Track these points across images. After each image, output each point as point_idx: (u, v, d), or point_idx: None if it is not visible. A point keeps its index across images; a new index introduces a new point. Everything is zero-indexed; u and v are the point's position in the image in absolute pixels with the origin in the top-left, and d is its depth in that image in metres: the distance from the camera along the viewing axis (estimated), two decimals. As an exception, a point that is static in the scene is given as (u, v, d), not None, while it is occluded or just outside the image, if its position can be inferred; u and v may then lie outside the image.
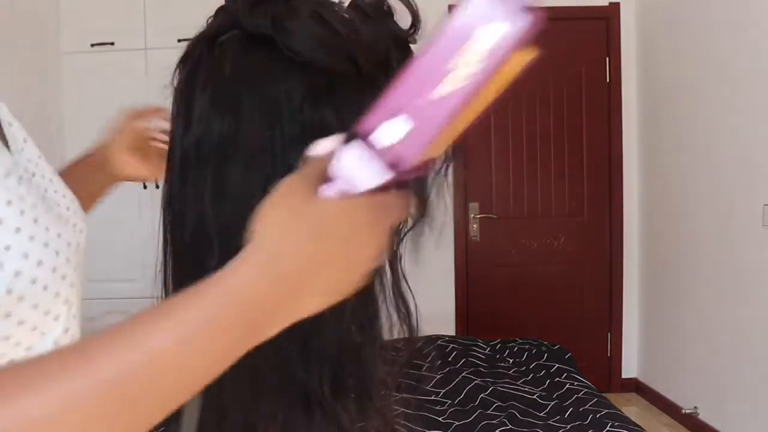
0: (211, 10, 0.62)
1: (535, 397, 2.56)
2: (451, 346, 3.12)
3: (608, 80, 4.15)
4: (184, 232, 0.58)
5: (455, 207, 3.94)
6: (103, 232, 3.73)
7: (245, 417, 0.60)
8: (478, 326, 4.04)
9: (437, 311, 3.99)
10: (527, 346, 3.15)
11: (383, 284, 0.60)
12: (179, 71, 0.60)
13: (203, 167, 0.57)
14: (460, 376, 2.74)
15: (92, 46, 3.79)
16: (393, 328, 0.61)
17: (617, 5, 4.12)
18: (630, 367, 4.23)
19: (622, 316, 4.21)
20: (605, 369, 4.22)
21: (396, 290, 0.60)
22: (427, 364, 2.72)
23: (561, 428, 2.26)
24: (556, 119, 4.16)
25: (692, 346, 3.59)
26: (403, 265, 0.61)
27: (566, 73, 4.14)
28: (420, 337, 0.62)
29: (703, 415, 3.45)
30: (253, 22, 0.56)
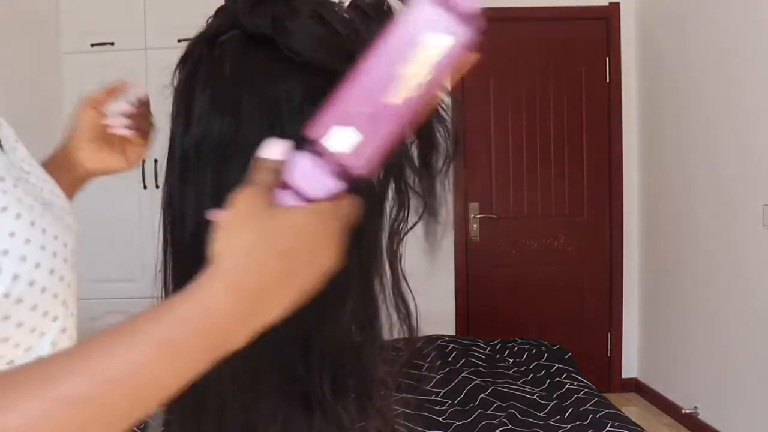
0: (211, 10, 0.62)
1: (535, 397, 2.56)
2: (451, 346, 3.12)
3: (608, 80, 4.15)
4: (184, 232, 0.58)
5: (455, 207, 3.94)
6: (103, 232, 3.73)
7: (245, 417, 0.60)
8: (478, 326, 4.04)
9: (437, 311, 3.99)
10: (527, 346, 3.15)
11: (383, 284, 0.60)
12: (179, 71, 0.60)
13: (203, 167, 0.57)
14: (460, 376, 2.74)
15: (92, 46, 3.79)
16: (393, 328, 0.61)
17: (617, 5, 4.12)
18: (630, 367, 4.23)
19: (622, 316, 4.21)
20: (605, 369, 4.22)
21: (396, 290, 0.60)
22: (427, 364, 2.71)
23: (561, 428, 2.26)
24: (556, 119, 4.16)
25: (692, 346, 3.59)
26: (403, 265, 0.61)
27: (566, 73, 4.14)
28: (420, 337, 0.62)
29: (703, 415, 3.45)
30: (253, 22, 0.56)
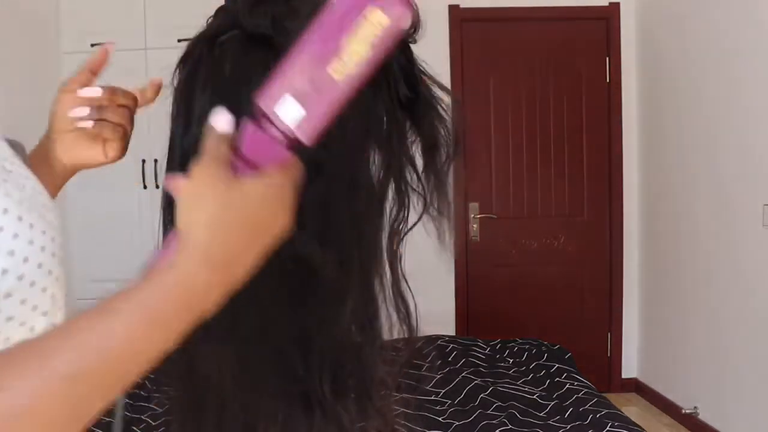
0: (211, 10, 0.62)
1: (535, 397, 2.56)
2: (451, 346, 3.12)
3: (608, 80, 4.15)
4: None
5: (455, 207, 3.93)
6: (103, 231, 3.73)
7: (245, 417, 0.60)
8: (478, 326, 4.03)
9: (437, 311, 3.99)
10: (527, 346, 3.15)
11: (383, 284, 0.60)
12: (179, 71, 0.61)
13: (203, 167, 0.57)
14: (460, 376, 2.74)
15: (92, 46, 3.79)
16: (393, 328, 0.61)
17: (617, 5, 4.12)
18: (630, 367, 4.23)
19: (622, 316, 4.21)
20: (605, 369, 4.22)
21: (396, 290, 0.60)
22: (427, 364, 2.71)
23: (561, 428, 2.26)
24: (556, 119, 4.16)
25: (692, 346, 3.59)
26: (403, 265, 0.61)
27: (566, 73, 4.14)
28: (420, 337, 0.62)
29: (703, 415, 3.45)
30: (253, 22, 0.56)
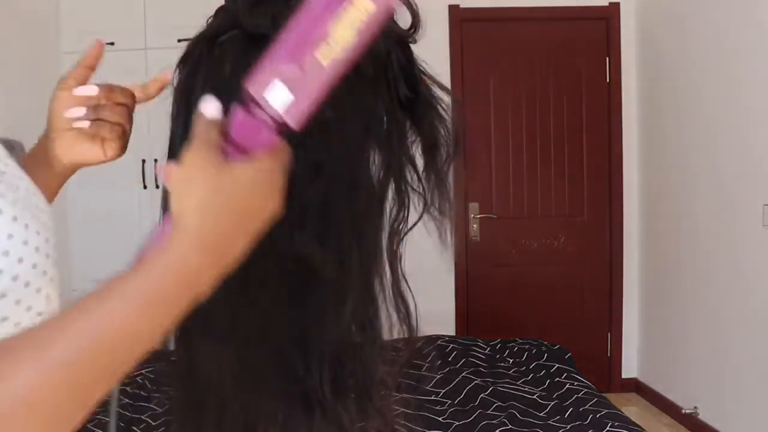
0: (211, 10, 0.62)
1: (535, 397, 2.56)
2: (451, 346, 3.12)
3: (608, 80, 4.15)
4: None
5: (455, 207, 3.93)
6: (103, 231, 3.73)
7: (245, 417, 0.60)
8: (478, 326, 4.03)
9: (437, 311, 3.99)
10: (527, 346, 3.15)
11: (383, 284, 0.60)
12: (179, 71, 0.61)
13: (203, 167, 0.57)
14: (460, 376, 2.74)
15: (92, 46, 3.79)
16: (393, 328, 0.61)
17: (617, 5, 4.12)
18: (630, 367, 4.23)
19: (622, 316, 4.21)
20: (605, 369, 4.22)
21: (396, 290, 0.60)
22: (427, 364, 2.71)
23: (561, 428, 2.26)
24: (556, 119, 4.16)
25: (692, 346, 3.59)
26: (403, 265, 0.61)
27: (566, 73, 4.14)
28: (420, 337, 0.62)
29: (703, 415, 3.45)
30: (253, 22, 0.56)
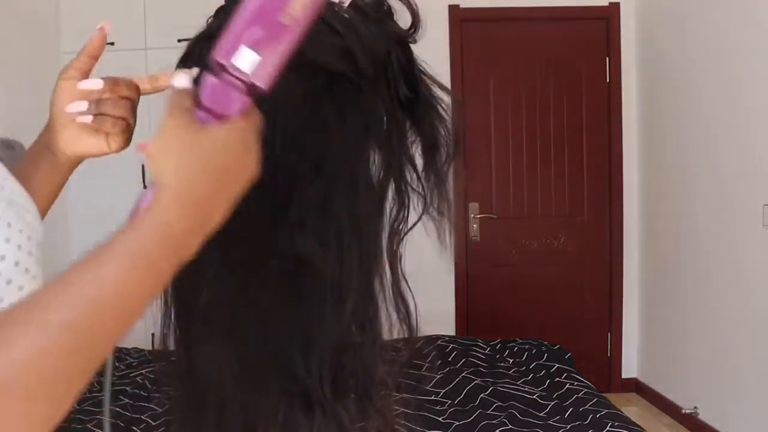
0: (211, 10, 0.62)
1: (535, 397, 2.56)
2: (451, 346, 3.12)
3: (608, 80, 4.15)
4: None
5: (455, 207, 3.93)
6: (103, 231, 3.72)
7: (245, 417, 0.60)
8: (478, 326, 4.03)
9: (437, 311, 3.99)
10: (527, 346, 3.15)
11: (383, 284, 0.60)
12: (183, 69, 0.60)
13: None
14: (460, 376, 2.74)
15: (92, 46, 3.79)
16: (393, 328, 0.61)
17: (617, 5, 4.12)
18: (630, 367, 4.23)
19: (622, 316, 4.21)
20: (605, 369, 4.22)
21: (396, 290, 0.60)
22: (427, 364, 2.71)
23: (561, 428, 2.26)
24: (556, 119, 4.16)
25: (692, 346, 3.59)
26: (403, 265, 0.61)
27: (566, 73, 4.13)
28: (420, 337, 0.62)
29: (703, 415, 3.45)
30: (253, 21, 0.56)
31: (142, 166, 3.73)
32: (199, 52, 0.59)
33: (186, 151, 0.50)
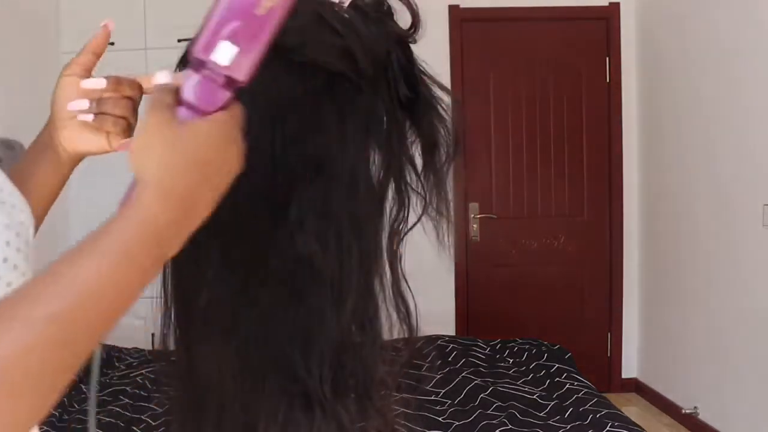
0: (211, 10, 0.61)
1: (535, 397, 2.56)
2: (451, 346, 3.12)
3: (608, 80, 4.15)
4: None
5: (455, 207, 3.93)
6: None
7: (245, 417, 0.60)
8: (478, 326, 4.03)
9: (437, 311, 3.99)
10: (527, 346, 3.15)
11: (383, 284, 0.60)
12: (179, 71, 0.61)
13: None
14: (460, 376, 2.74)
15: (92, 46, 3.79)
16: (393, 328, 0.61)
17: (617, 5, 4.12)
18: (630, 367, 4.23)
19: (622, 316, 4.21)
20: (605, 369, 4.22)
21: (396, 290, 0.60)
22: (427, 364, 2.71)
23: (561, 428, 2.26)
24: (556, 119, 4.16)
25: (692, 346, 3.59)
26: (403, 265, 0.61)
27: (566, 73, 4.14)
28: (420, 337, 0.62)
29: (703, 415, 3.45)
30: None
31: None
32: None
33: (168, 147, 0.49)
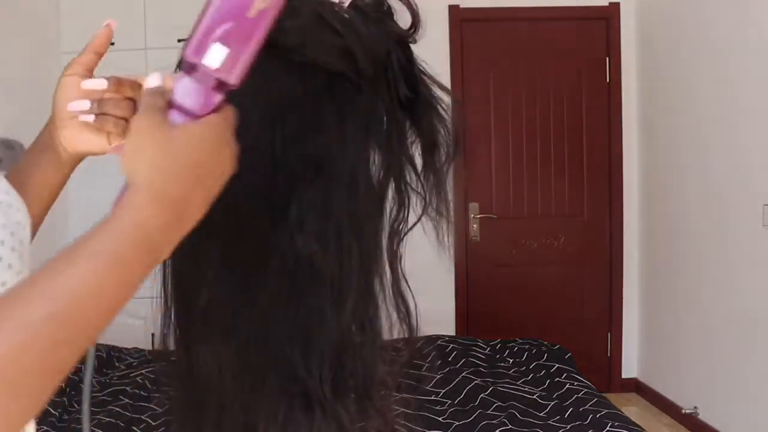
0: (211, 10, 0.61)
1: (535, 397, 2.56)
2: (451, 346, 3.12)
3: (608, 80, 4.15)
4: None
5: (455, 207, 3.93)
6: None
7: (245, 417, 0.60)
8: (478, 326, 4.03)
9: (437, 311, 3.99)
10: (527, 346, 3.15)
11: (383, 284, 0.60)
12: (178, 72, 0.60)
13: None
14: (460, 376, 2.74)
15: (92, 45, 3.79)
16: (393, 328, 0.61)
17: (617, 5, 4.12)
18: (630, 367, 4.23)
19: (622, 316, 4.21)
20: (605, 369, 4.21)
21: (396, 290, 0.60)
22: (427, 364, 2.71)
23: (561, 428, 2.26)
24: (556, 119, 4.16)
25: (692, 346, 3.59)
26: (403, 265, 0.61)
27: (566, 73, 4.14)
28: (420, 337, 0.62)
29: (703, 415, 3.45)
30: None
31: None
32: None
33: (159, 150, 0.49)
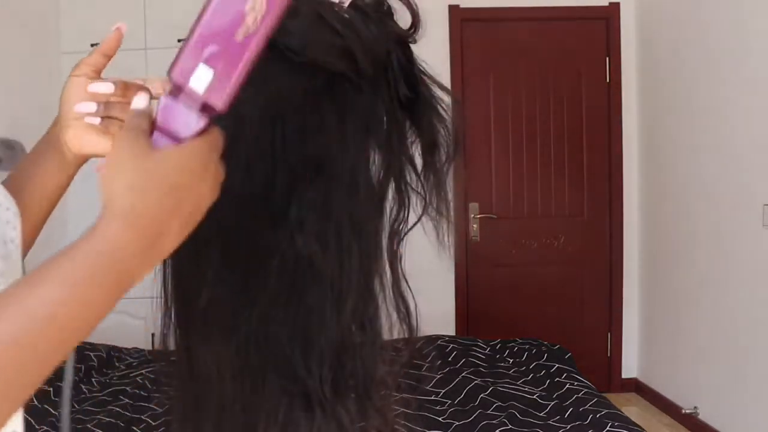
0: (211, 10, 0.61)
1: (535, 397, 2.56)
2: (451, 346, 3.12)
3: (608, 80, 4.15)
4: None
5: (455, 207, 3.93)
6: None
7: (245, 417, 0.60)
8: (478, 326, 4.03)
9: (437, 311, 3.99)
10: (527, 346, 3.15)
11: (383, 284, 0.60)
12: None
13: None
14: (460, 376, 2.74)
15: (92, 46, 3.76)
16: (393, 328, 0.61)
17: (617, 5, 4.12)
18: (630, 367, 4.23)
19: (622, 316, 4.21)
20: (605, 369, 4.22)
21: (396, 290, 0.60)
22: (427, 364, 2.71)
23: (561, 428, 2.26)
24: (556, 119, 4.16)
25: (692, 346, 3.59)
26: (403, 265, 0.61)
27: (566, 73, 4.14)
28: (420, 337, 0.62)
29: (703, 415, 3.45)
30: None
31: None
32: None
33: (138, 172, 0.48)
